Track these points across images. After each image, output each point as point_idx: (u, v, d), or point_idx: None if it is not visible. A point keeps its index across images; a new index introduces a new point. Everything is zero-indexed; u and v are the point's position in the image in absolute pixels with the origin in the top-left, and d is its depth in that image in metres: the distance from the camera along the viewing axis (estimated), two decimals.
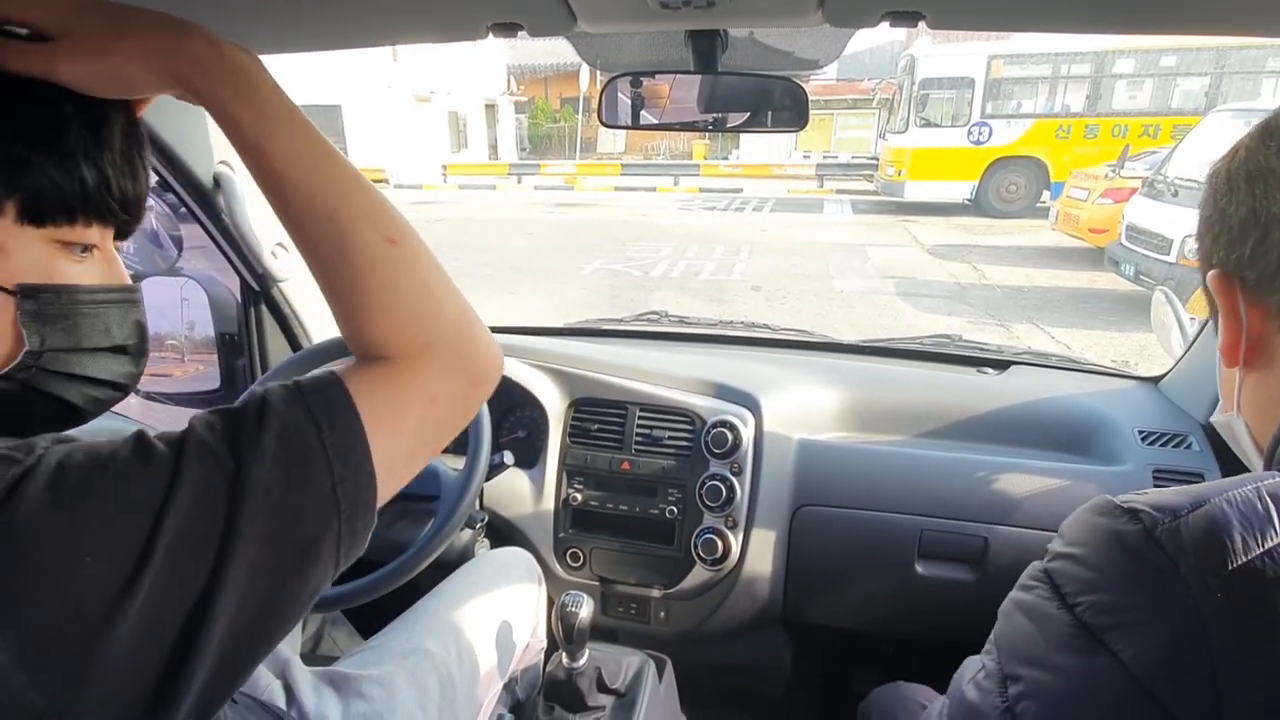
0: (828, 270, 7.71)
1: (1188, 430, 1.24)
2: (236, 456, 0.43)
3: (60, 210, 0.47)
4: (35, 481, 0.38)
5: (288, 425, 0.45)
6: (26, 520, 0.37)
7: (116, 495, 0.40)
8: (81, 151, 0.48)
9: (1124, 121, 10.26)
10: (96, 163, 0.48)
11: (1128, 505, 0.45)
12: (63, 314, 0.48)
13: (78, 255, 0.50)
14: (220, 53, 0.52)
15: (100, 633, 0.37)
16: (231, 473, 0.42)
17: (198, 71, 0.50)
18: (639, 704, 1.07)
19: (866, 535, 1.26)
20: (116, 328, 0.52)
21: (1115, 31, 0.95)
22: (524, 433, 1.48)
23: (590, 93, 17.34)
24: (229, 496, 0.42)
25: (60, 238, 0.48)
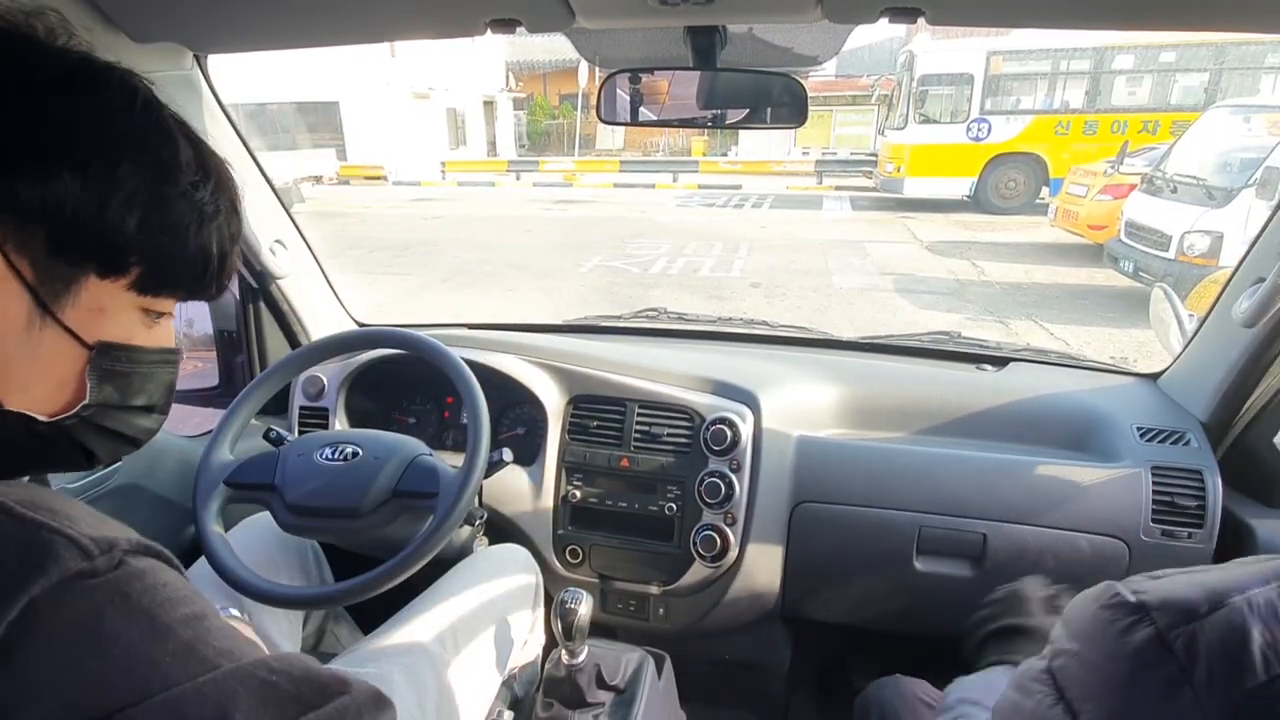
0: (827, 267, 7.71)
1: (1187, 427, 1.24)
2: None
3: (169, 286, 0.50)
4: (100, 592, 0.37)
5: None
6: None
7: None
8: (216, 240, 0.50)
9: (1123, 118, 10.25)
10: (223, 254, 0.51)
11: (1138, 599, 0.41)
12: (123, 373, 0.49)
13: (152, 320, 0.51)
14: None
15: None
16: None
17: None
18: (638, 700, 1.07)
19: (865, 532, 1.27)
20: (154, 388, 0.53)
21: (1114, 27, 0.95)
22: (523, 430, 1.48)
23: (589, 89, 17.30)
24: None
25: (149, 306, 0.50)
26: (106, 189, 0.44)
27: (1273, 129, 6.31)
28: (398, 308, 6.44)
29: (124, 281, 0.47)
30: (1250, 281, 1.11)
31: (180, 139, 0.49)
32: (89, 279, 0.46)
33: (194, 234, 0.49)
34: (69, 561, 0.37)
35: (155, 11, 0.94)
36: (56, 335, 0.45)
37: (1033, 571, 1.22)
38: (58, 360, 0.46)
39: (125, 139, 0.46)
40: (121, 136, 0.46)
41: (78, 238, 0.44)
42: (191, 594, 0.42)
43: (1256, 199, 5.13)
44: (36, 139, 0.42)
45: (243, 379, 1.50)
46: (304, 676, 0.42)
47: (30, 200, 0.42)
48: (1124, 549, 1.18)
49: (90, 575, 0.38)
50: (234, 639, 0.42)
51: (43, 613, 0.36)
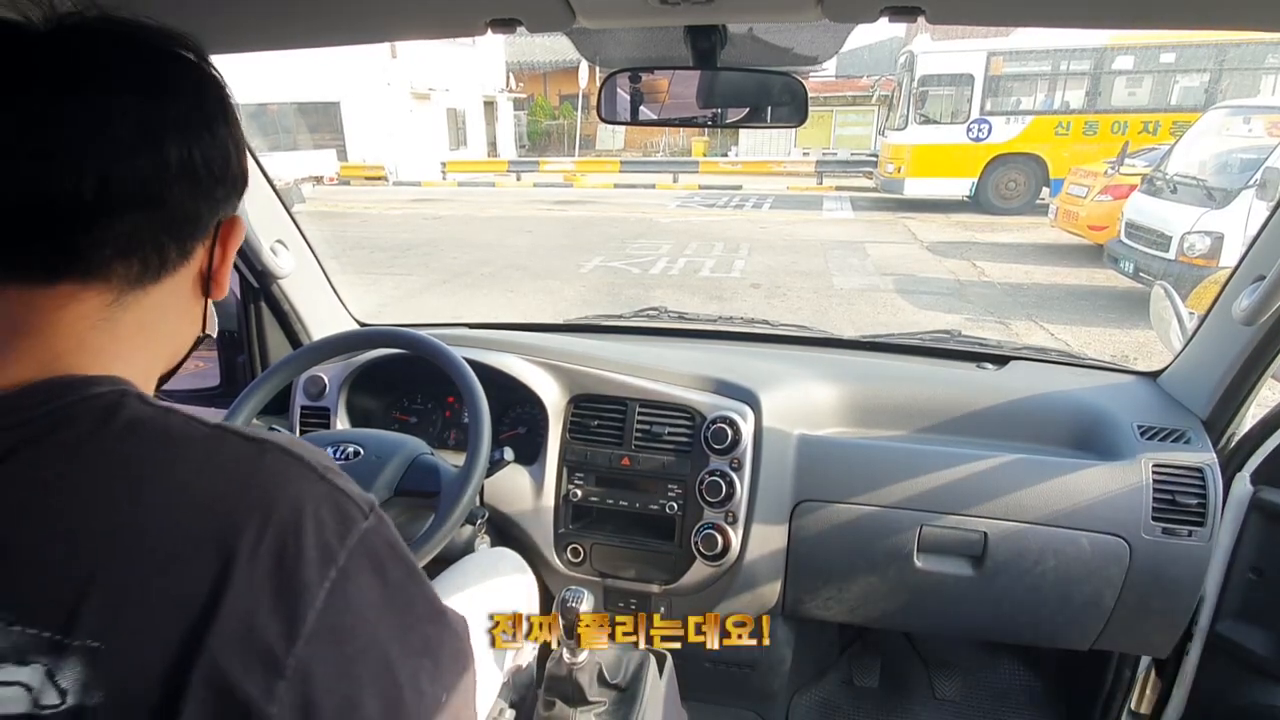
0: (827, 267, 7.71)
1: (1187, 425, 1.24)
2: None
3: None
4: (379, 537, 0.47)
5: None
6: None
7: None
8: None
9: (1123, 118, 10.25)
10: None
11: None
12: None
13: None
14: None
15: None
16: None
17: None
18: (639, 698, 1.07)
19: (866, 530, 1.27)
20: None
21: (1114, 27, 0.95)
22: (524, 429, 1.48)
23: (589, 89, 17.30)
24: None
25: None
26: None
27: (1273, 130, 6.31)
28: (399, 308, 6.44)
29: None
30: (1250, 280, 1.11)
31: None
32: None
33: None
34: (360, 521, 0.46)
35: (155, 12, 0.94)
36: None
37: (1034, 570, 1.22)
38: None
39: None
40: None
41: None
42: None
43: (1256, 200, 5.13)
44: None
45: (244, 379, 1.50)
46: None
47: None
48: (1125, 547, 1.18)
49: (372, 530, 0.47)
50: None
51: (351, 565, 0.44)
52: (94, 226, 0.44)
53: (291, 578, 0.42)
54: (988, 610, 1.28)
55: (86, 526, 0.41)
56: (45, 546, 0.40)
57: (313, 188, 13.46)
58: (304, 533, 0.43)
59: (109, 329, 0.47)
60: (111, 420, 0.43)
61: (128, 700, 0.39)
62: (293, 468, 0.46)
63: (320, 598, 0.43)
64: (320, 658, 0.42)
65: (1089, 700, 1.50)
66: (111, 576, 0.40)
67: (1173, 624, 1.24)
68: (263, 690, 0.40)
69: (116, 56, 0.46)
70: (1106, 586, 1.20)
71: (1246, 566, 1.22)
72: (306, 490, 0.45)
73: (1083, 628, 1.26)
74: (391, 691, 0.46)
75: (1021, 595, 1.24)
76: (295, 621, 0.42)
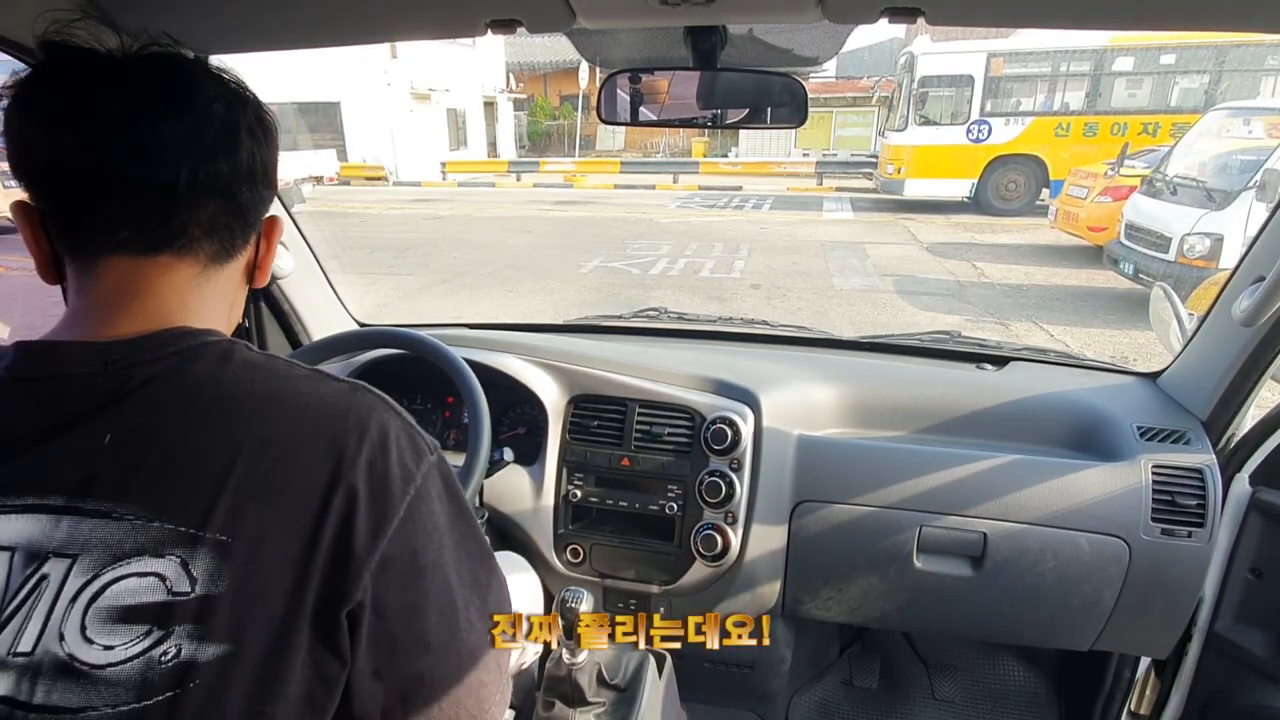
0: (827, 268, 7.71)
1: (1187, 426, 1.24)
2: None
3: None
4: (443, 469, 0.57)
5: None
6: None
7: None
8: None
9: (1123, 119, 10.26)
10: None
11: None
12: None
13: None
14: None
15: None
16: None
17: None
18: (639, 699, 1.07)
19: (866, 531, 1.27)
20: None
21: (1114, 27, 0.95)
22: (524, 429, 1.48)
23: (589, 90, 17.30)
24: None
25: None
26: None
27: (1272, 131, 6.31)
28: (398, 308, 6.44)
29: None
30: (1250, 281, 1.11)
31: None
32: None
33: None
34: (429, 455, 0.56)
35: (155, 12, 0.94)
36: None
37: (1034, 570, 1.22)
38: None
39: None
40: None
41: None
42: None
43: (1256, 201, 5.13)
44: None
45: None
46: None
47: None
48: (1124, 548, 1.18)
49: (438, 464, 0.57)
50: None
51: (425, 488, 0.55)
52: (186, 210, 0.54)
53: (382, 487, 0.51)
54: (987, 611, 1.28)
55: (221, 438, 0.49)
56: (185, 455, 0.49)
57: (313, 188, 13.46)
58: (389, 452, 0.53)
59: (200, 294, 0.57)
60: (230, 359, 0.53)
61: (249, 589, 0.47)
62: (378, 403, 0.56)
63: (402, 509, 0.52)
64: (396, 562, 0.51)
65: (1088, 701, 1.50)
66: (242, 478, 0.48)
67: (1172, 625, 1.24)
68: (352, 580, 0.49)
69: (198, 74, 0.57)
70: (1106, 587, 1.20)
71: (1245, 567, 1.22)
72: (390, 420, 0.55)
73: (1082, 628, 1.26)
74: (449, 612, 0.55)
75: (1021, 596, 1.24)
76: (382, 523, 0.51)
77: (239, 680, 0.46)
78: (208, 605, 0.46)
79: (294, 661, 0.48)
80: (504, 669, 0.64)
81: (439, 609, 0.55)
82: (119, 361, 0.50)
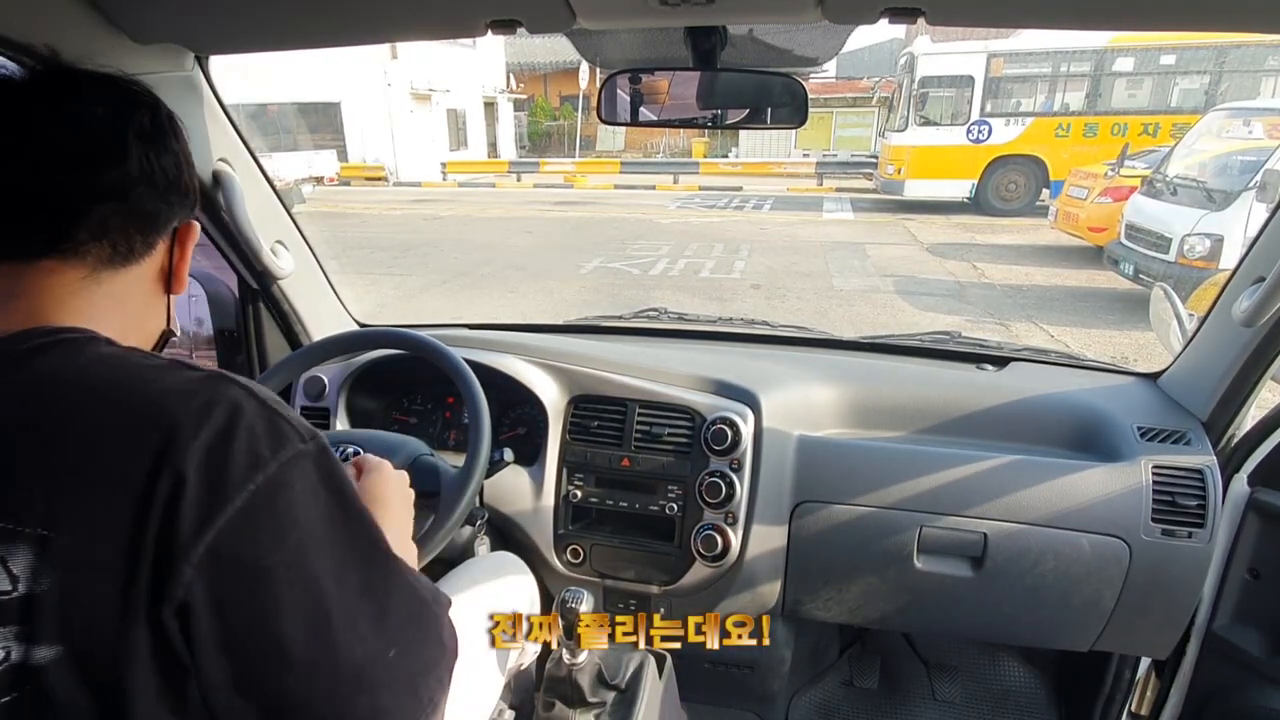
0: (827, 268, 7.71)
1: (1187, 426, 1.24)
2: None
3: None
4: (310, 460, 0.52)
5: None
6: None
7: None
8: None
9: (1123, 120, 10.26)
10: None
11: None
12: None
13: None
14: None
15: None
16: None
17: None
18: (639, 699, 1.07)
19: (866, 531, 1.27)
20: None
21: (1114, 28, 0.95)
22: (524, 430, 1.48)
23: (590, 90, 17.30)
24: None
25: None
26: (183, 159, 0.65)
27: (1273, 131, 6.31)
28: (399, 308, 6.44)
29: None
30: (1250, 281, 1.11)
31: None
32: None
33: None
34: (299, 444, 0.52)
35: (156, 12, 0.94)
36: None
37: (1034, 571, 1.22)
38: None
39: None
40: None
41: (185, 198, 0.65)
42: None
43: (1256, 202, 5.13)
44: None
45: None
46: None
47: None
48: (1125, 548, 1.18)
49: (310, 455, 0.52)
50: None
51: (282, 479, 0.50)
52: (68, 216, 0.55)
53: (218, 474, 0.47)
54: (987, 611, 1.28)
55: (48, 428, 0.48)
56: (9, 448, 0.47)
57: (313, 188, 13.45)
58: (235, 437, 0.49)
59: (86, 296, 0.57)
60: (81, 352, 0.52)
61: (76, 586, 0.44)
62: (238, 390, 0.52)
63: (239, 499, 0.47)
64: (230, 557, 0.47)
65: (1089, 701, 1.50)
66: (64, 469, 0.46)
67: (1172, 625, 1.24)
68: (176, 574, 0.45)
69: (89, 84, 0.58)
70: (1106, 587, 1.20)
71: (1243, 568, 1.22)
72: (246, 404, 0.51)
73: (1082, 629, 1.26)
74: (320, 621, 0.49)
75: (1021, 596, 1.24)
76: (212, 513, 0.46)
77: (82, 685, 0.44)
78: (31, 605, 0.44)
79: (137, 665, 0.45)
80: (423, 693, 0.56)
81: (303, 617, 0.49)
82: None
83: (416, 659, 0.56)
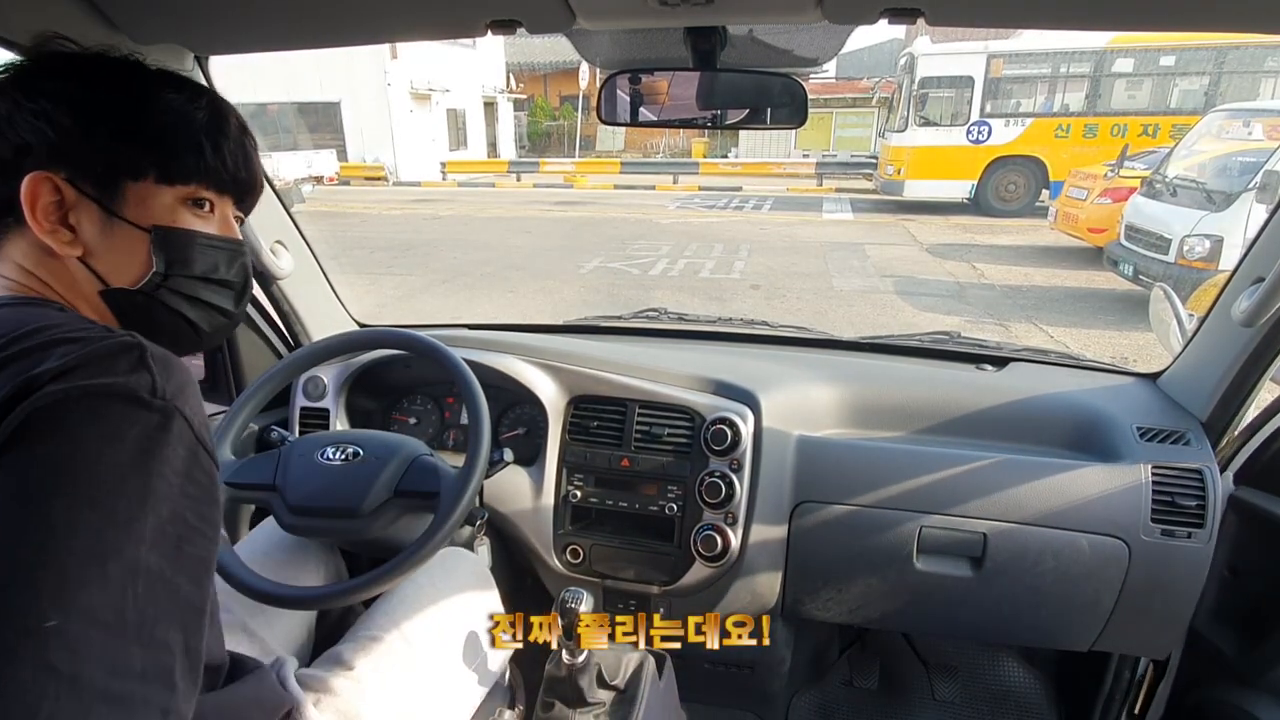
0: (827, 269, 7.71)
1: (1187, 427, 1.24)
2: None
3: (182, 176, 0.66)
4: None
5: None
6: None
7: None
8: (205, 134, 0.67)
9: (1123, 121, 10.27)
10: (215, 144, 0.67)
11: None
12: (179, 245, 0.67)
13: (200, 211, 0.68)
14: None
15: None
16: None
17: None
18: (639, 700, 1.07)
19: (866, 531, 1.27)
20: (224, 267, 0.71)
21: (1114, 28, 0.95)
22: (523, 430, 1.48)
23: (589, 90, 17.31)
24: None
25: (184, 195, 0.67)
26: (98, 115, 0.63)
27: (1272, 132, 6.31)
28: (398, 308, 6.44)
29: (150, 179, 0.64)
30: (1250, 281, 1.11)
31: (136, 68, 0.67)
32: (125, 182, 0.64)
33: (185, 128, 0.66)
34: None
35: (155, 13, 0.95)
36: (124, 227, 0.64)
37: (1034, 571, 1.22)
38: (130, 245, 0.64)
39: (102, 80, 0.65)
40: (98, 79, 0.65)
41: (98, 155, 0.62)
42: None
43: (1256, 203, 5.14)
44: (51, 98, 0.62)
45: (222, 371, 1.50)
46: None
47: (57, 138, 0.61)
48: (1124, 549, 1.18)
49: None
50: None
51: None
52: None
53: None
54: (987, 611, 1.28)
55: None
56: None
57: (312, 188, 13.46)
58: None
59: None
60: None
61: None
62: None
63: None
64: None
65: (1088, 701, 1.50)
66: None
67: (1172, 625, 1.25)
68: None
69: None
70: (1106, 588, 1.20)
71: (1224, 565, 1.22)
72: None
73: (1082, 629, 1.26)
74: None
75: (1021, 596, 1.24)
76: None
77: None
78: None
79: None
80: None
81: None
82: None
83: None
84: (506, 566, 1.42)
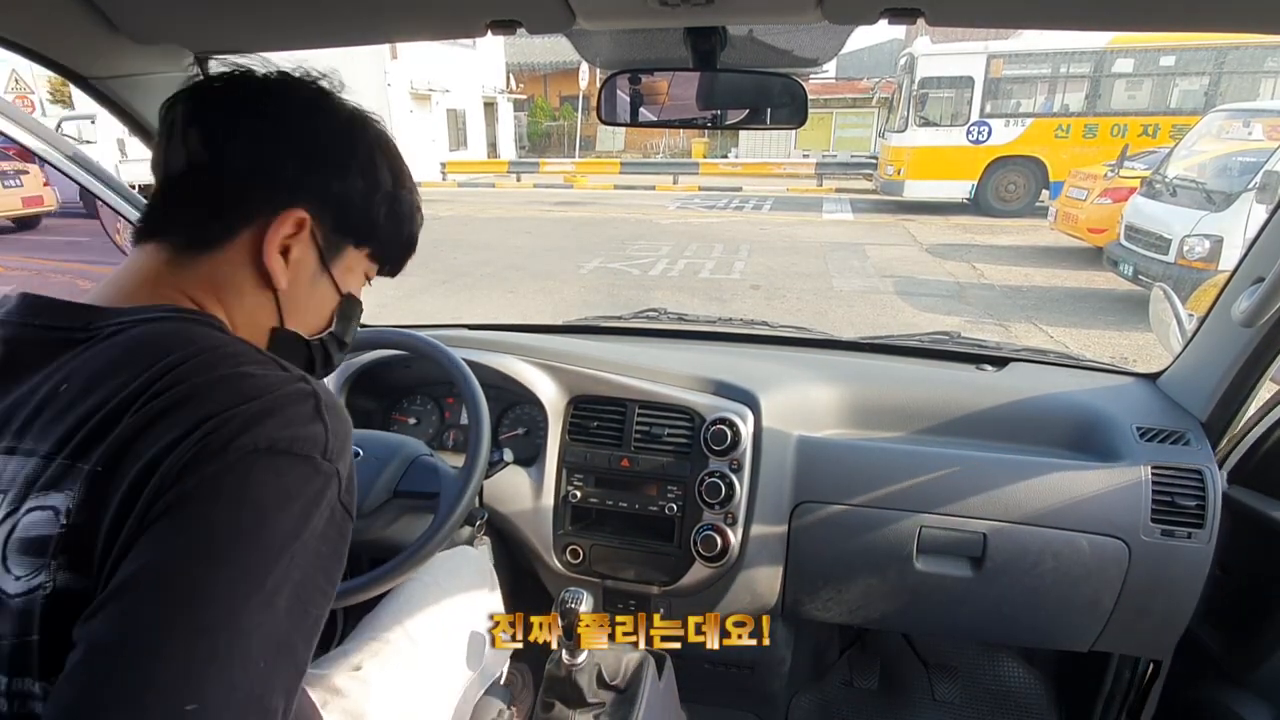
0: (826, 269, 7.71)
1: (1186, 427, 1.24)
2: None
3: (388, 260, 0.75)
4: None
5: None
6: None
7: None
8: (414, 230, 0.76)
9: (1123, 121, 10.27)
10: (414, 242, 0.77)
11: None
12: (347, 315, 0.74)
13: (366, 284, 0.76)
14: None
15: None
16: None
17: None
18: (639, 700, 1.07)
19: (866, 531, 1.27)
20: (353, 329, 0.77)
21: (1114, 28, 0.95)
22: (523, 430, 1.48)
23: (589, 90, 17.31)
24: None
25: (370, 272, 0.75)
26: (373, 187, 0.69)
27: (1272, 133, 6.31)
28: (398, 308, 6.44)
29: (366, 251, 0.71)
30: (1250, 281, 1.11)
31: (399, 155, 0.74)
32: (349, 247, 0.69)
33: (408, 223, 0.74)
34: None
35: (155, 12, 0.94)
36: (327, 284, 0.69)
37: (1033, 571, 1.22)
38: (322, 300, 0.69)
39: (382, 156, 0.72)
40: (380, 154, 0.72)
41: (351, 218, 0.68)
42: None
43: (1256, 203, 5.13)
44: (346, 153, 0.68)
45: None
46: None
47: (333, 191, 0.66)
48: (1124, 549, 1.18)
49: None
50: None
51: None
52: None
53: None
54: (987, 611, 1.28)
55: (128, 379, 0.50)
56: (92, 395, 0.50)
57: None
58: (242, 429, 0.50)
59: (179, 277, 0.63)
60: (195, 325, 0.58)
61: (99, 522, 0.46)
62: (303, 396, 0.54)
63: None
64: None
65: (1088, 701, 1.50)
66: (110, 415, 0.48)
67: (1172, 626, 1.24)
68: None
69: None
70: (1106, 588, 1.20)
71: (1216, 564, 1.23)
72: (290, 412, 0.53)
73: (1082, 629, 1.26)
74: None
75: (1021, 596, 1.24)
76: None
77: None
78: (73, 537, 0.46)
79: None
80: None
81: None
82: (98, 322, 0.54)
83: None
84: (506, 567, 1.42)
